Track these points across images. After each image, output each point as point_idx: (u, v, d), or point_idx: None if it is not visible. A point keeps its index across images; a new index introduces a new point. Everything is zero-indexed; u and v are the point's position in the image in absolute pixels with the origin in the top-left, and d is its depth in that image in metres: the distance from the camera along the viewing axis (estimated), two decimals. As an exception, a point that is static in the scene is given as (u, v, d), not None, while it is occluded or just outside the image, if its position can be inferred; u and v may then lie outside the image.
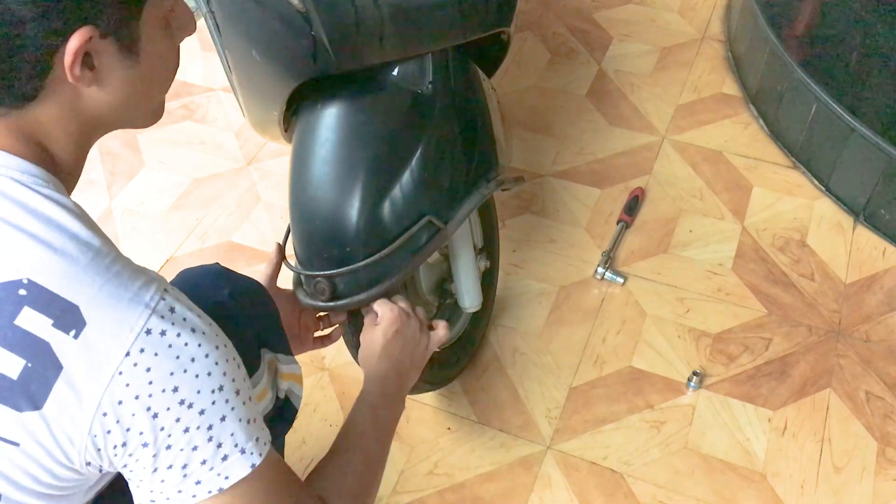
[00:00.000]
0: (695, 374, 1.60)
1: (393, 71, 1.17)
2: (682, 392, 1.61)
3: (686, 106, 2.20)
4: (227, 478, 0.77)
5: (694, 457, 1.52)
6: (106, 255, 0.72)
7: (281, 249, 1.31)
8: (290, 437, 1.55)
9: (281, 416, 1.10)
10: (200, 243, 1.91)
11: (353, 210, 1.15)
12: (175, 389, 0.72)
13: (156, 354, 0.71)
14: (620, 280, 1.78)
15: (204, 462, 0.75)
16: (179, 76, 2.34)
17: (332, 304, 1.20)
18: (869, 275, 1.80)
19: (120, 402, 0.70)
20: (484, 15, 1.17)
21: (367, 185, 1.16)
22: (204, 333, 0.75)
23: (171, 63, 0.82)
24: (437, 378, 1.53)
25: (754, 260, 1.83)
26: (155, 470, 0.74)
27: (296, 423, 1.55)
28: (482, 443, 1.55)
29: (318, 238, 1.18)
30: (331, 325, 1.33)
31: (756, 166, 2.03)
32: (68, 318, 0.69)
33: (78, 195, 0.80)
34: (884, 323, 1.71)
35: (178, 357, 0.72)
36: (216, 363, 0.75)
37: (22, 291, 0.68)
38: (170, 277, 1.11)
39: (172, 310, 0.73)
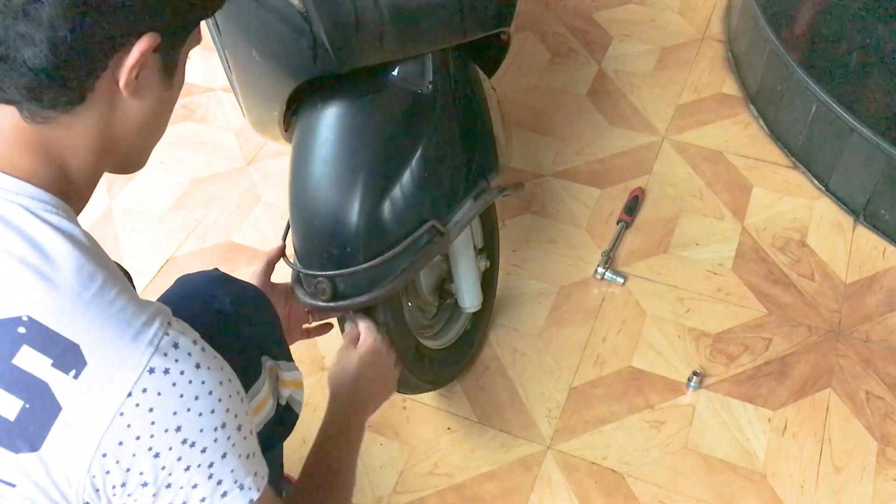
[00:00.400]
0: (695, 374, 1.60)
1: (393, 71, 1.17)
2: (682, 392, 1.61)
3: (686, 106, 2.20)
4: None
5: (694, 457, 1.52)
6: (110, 290, 0.70)
7: (281, 248, 1.31)
8: (290, 438, 1.55)
9: (281, 422, 1.10)
10: (200, 243, 1.91)
11: (353, 210, 1.15)
12: (178, 429, 0.70)
13: (159, 394, 0.69)
14: (620, 280, 1.78)
15: (203, 500, 0.74)
16: (179, 76, 2.35)
17: (332, 304, 1.19)
18: (869, 275, 1.80)
19: (120, 443, 0.69)
20: (484, 15, 1.17)
21: (368, 184, 1.16)
22: (209, 368, 0.73)
23: (173, 108, 0.81)
24: (437, 378, 1.53)
25: (754, 260, 1.83)
26: None
27: (296, 423, 1.55)
28: (482, 443, 1.55)
29: (317, 238, 1.18)
30: (320, 319, 1.33)
31: (756, 166, 2.03)
32: (68, 357, 0.67)
33: (77, 195, 0.79)
34: (884, 323, 1.71)
35: (181, 396, 0.70)
36: (219, 400, 0.73)
37: (21, 329, 0.67)
38: (171, 277, 1.11)
39: (176, 345, 0.71)
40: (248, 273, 1.27)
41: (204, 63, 2.38)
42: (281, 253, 1.31)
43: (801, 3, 2.25)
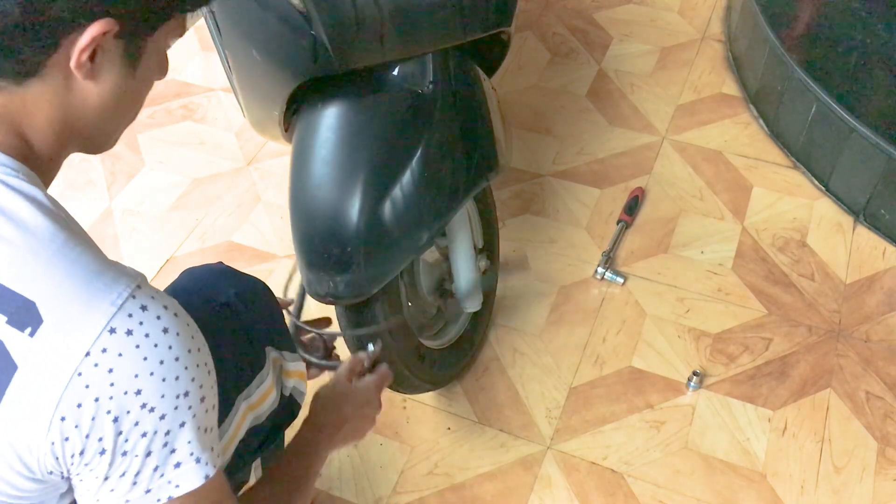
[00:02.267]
0: (695, 374, 1.60)
1: (393, 71, 1.17)
2: (682, 392, 1.61)
3: (686, 106, 2.20)
4: (177, 486, 0.74)
5: (694, 457, 1.52)
6: (71, 249, 0.68)
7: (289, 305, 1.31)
8: (290, 436, 1.55)
9: (285, 412, 1.10)
10: (200, 243, 1.91)
11: (353, 210, 1.15)
12: (138, 392, 0.68)
13: (119, 355, 0.67)
14: (620, 280, 1.78)
15: (156, 468, 0.72)
16: (179, 76, 2.35)
17: (327, 363, 1.26)
18: (869, 275, 1.80)
19: (79, 405, 0.67)
20: (484, 15, 1.17)
21: (368, 185, 1.16)
22: (178, 334, 0.71)
23: (145, 95, 0.81)
24: (437, 378, 1.53)
25: (754, 260, 1.83)
26: (106, 478, 0.71)
27: (295, 423, 1.55)
28: (482, 443, 1.55)
29: (318, 238, 1.18)
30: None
31: (756, 166, 2.03)
32: (23, 314, 0.65)
33: (78, 195, 0.80)
34: (884, 323, 1.71)
35: (144, 358, 0.68)
36: (186, 367, 0.71)
37: None
38: (171, 277, 1.11)
39: (144, 308, 0.69)
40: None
41: (204, 63, 2.38)
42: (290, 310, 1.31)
43: (801, 3, 2.25)
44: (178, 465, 0.73)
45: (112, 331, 0.67)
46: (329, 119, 1.17)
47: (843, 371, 1.64)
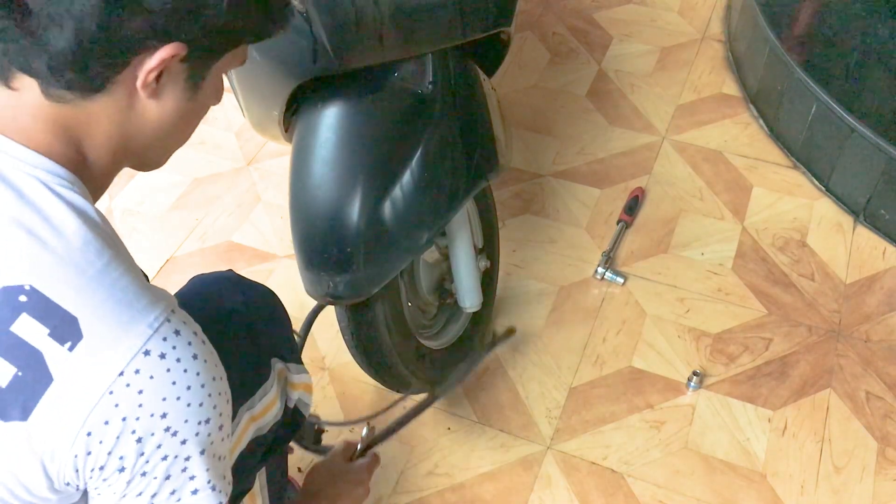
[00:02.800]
0: (695, 374, 1.60)
1: (393, 71, 1.17)
2: (682, 392, 1.61)
3: (686, 106, 2.20)
4: None
5: (694, 457, 1.52)
6: (115, 269, 0.70)
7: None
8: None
9: (289, 423, 1.10)
10: (200, 243, 1.91)
11: (353, 210, 1.15)
12: (164, 416, 0.70)
13: (151, 377, 0.69)
14: (620, 280, 1.78)
15: (173, 492, 0.73)
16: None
17: (315, 448, 1.34)
18: (869, 275, 1.80)
19: (106, 423, 0.68)
20: (484, 15, 1.17)
21: (368, 185, 1.16)
22: (205, 362, 0.72)
23: (200, 119, 0.82)
24: (438, 378, 1.53)
25: (754, 260, 1.83)
26: (124, 496, 0.72)
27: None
28: (482, 443, 1.55)
29: (318, 238, 1.18)
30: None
31: (756, 166, 2.03)
32: (65, 329, 0.67)
33: (78, 195, 0.79)
34: (884, 323, 1.71)
35: (174, 383, 0.70)
36: (209, 395, 0.73)
37: (22, 297, 0.67)
38: (171, 277, 1.12)
39: (178, 332, 0.71)
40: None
41: (204, 63, 2.37)
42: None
43: (801, 3, 2.25)
44: (195, 491, 0.75)
45: (147, 353, 0.68)
46: (329, 119, 1.17)
47: (843, 371, 1.64)
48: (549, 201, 1.97)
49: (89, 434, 0.68)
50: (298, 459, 1.50)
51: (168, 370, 0.69)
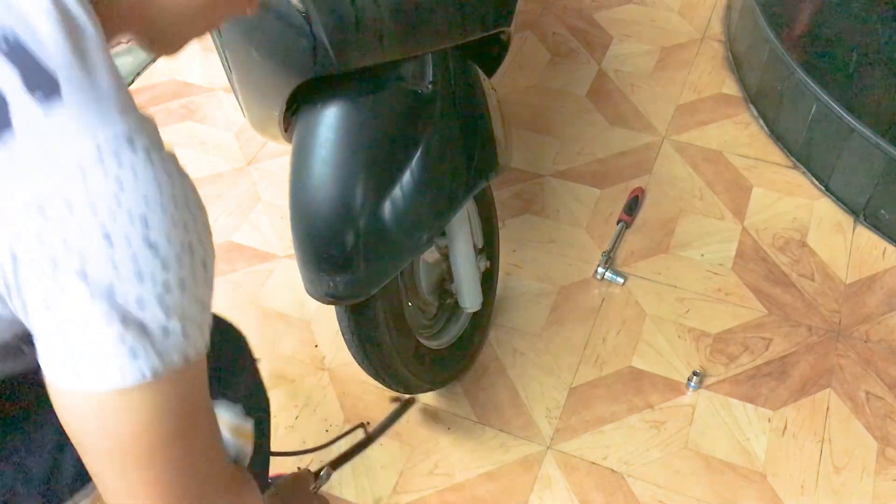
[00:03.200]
0: (695, 374, 1.60)
1: (393, 71, 1.17)
2: (682, 392, 1.61)
3: (686, 106, 2.20)
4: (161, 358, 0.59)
5: (694, 457, 1.52)
6: (107, 53, 0.59)
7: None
8: (290, 437, 1.56)
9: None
10: (200, 243, 1.90)
11: (353, 210, 1.15)
12: (145, 222, 0.56)
13: (134, 174, 0.56)
14: (620, 280, 1.78)
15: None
16: (179, 76, 2.35)
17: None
18: (869, 275, 1.80)
19: (70, 206, 0.55)
20: (484, 15, 1.17)
21: (368, 185, 1.16)
22: (193, 189, 0.61)
23: (225, 9, 0.72)
24: (438, 378, 1.53)
25: (754, 260, 1.83)
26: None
27: (296, 423, 1.56)
28: (482, 443, 1.55)
29: (318, 238, 1.18)
30: None
31: (756, 166, 2.03)
32: (42, 81, 0.55)
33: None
34: (884, 323, 1.71)
35: (160, 187, 0.57)
36: (203, 223, 0.61)
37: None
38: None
39: (168, 149, 0.60)
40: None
41: (204, 63, 2.38)
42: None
43: (801, 3, 2.25)
44: (166, 332, 0.59)
45: (131, 142, 0.57)
46: (329, 119, 1.17)
47: (843, 371, 1.64)
48: (549, 201, 1.97)
49: (40, 206, 0.55)
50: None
51: (154, 175, 0.57)
